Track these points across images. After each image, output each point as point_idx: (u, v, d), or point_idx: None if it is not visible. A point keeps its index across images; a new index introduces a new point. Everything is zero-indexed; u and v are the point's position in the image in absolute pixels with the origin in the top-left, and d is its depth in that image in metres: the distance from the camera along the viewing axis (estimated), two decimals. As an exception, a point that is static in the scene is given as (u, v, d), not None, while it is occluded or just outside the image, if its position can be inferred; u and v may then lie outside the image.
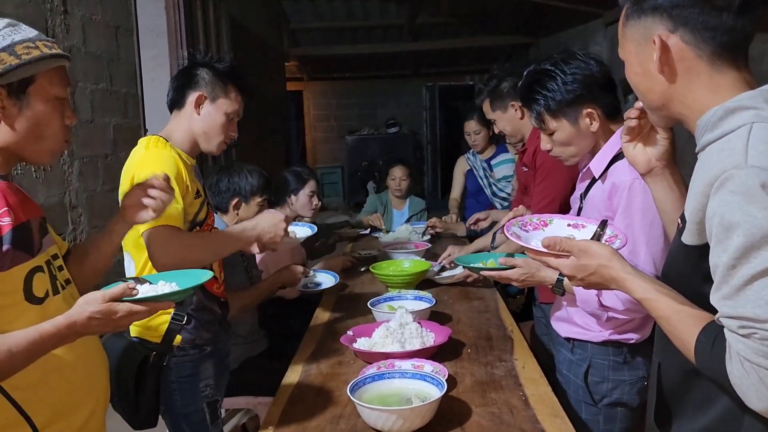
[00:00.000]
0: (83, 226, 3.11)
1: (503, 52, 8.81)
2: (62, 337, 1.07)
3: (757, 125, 0.89)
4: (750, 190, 0.83)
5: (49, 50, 1.17)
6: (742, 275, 0.83)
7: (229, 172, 2.55)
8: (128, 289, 1.10)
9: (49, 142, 1.22)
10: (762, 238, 0.82)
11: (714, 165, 0.90)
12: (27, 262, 1.15)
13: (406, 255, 2.89)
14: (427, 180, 11.27)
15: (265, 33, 6.91)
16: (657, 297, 1.01)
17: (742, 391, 0.85)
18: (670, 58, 0.99)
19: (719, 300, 0.88)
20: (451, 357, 1.77)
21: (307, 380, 1.68)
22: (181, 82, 1.82)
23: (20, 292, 1.13)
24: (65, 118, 1.23)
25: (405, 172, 4.10)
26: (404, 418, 1.31)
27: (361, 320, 2.15)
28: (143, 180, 1.50)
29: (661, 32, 0.99)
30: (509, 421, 1.40)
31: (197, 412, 1.79)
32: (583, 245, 1.15)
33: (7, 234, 1.11)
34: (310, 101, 11.15)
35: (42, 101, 1.17)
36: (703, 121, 0.97)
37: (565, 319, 1.76)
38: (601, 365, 1.66)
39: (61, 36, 2.88)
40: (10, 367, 1.03)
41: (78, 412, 1.22)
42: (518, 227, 1.37)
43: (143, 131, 3.84)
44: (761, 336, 0.82)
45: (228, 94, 1.81)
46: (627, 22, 1.06)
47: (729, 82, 0.97)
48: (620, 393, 1.65)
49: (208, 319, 1.81)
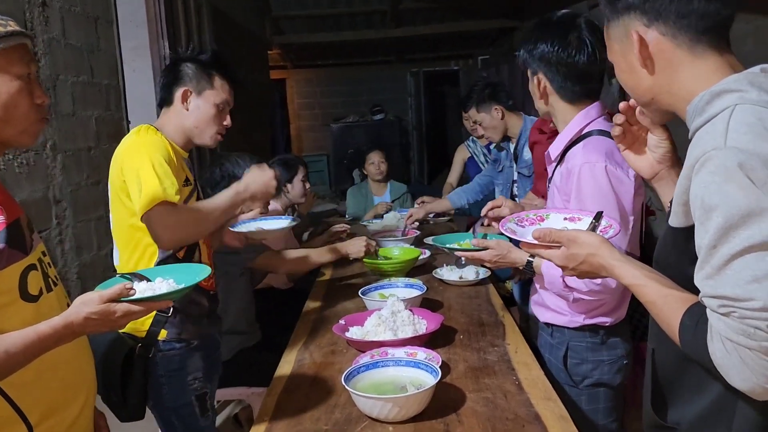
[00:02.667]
0: (68, 220, 3.08)
1: (488, 37, 8.78)
2: (59, 338, 1.06)
3: (740, 107, 0.89)
4: (727, 170, 0.84)
5: (4, 29, 1.13)
6: (722, 255, 0.84)
7: (220, 162, 2.55)
8: (125, 289, 1.10)
9: (21, 124, 1.17)
10: (740, 218, 0.82)
11: (697, 148, 0.91)
12: (22, 260, 1.14)
13: (395, 243, 2.89)
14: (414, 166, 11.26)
15: (248, 21, 6.82)
16: (644, 282, 1.02)
17: (724, 371, 0.86)
18: (649, 52, 1.00)
19: (701, 280, 0.88)
20: (444, 344, 1.78)
21: (301, 370, 1.68)
22: (167, 80, 1.82)
23: (16, 291, 1.12)
24: (35, 98, 1.19)
25: (382, 155, 4.16)
26: (400, 405, 1.32)
27: (352, 308, 2.16)
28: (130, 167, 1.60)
29: (639, 28, 1.01)
30: (503, 405, 1.41)
31: (186, 405, 1.79)
32: (572, 235, 1.16)
33: (2, 232, 1.10)
34: (294, 89, 11.06)
35: (5, 82, 1.13)
36: (691, 107, 0.98)
37: (541, 303, 1.79)
38: (579, 347, 1.69)
39: (40, 28, 2.83)
40: (7, 368, 1.02)
41: (70, 408, 1.22)
42: (514, 223, 1.39)
43: (126, 123, 3.79)
44: (740, 315, 0.83)
45: (213, 84, 1.80)
46: (608, 24, 1.08)
47: (712, 68, 0.98)
48: (600, 373, 1.68)
49: (195, 312, 1.80)
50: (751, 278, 0.82)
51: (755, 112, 0.88)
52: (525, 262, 1.74)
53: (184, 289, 1.20)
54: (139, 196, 1.58)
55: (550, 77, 1.62)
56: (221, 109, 1.82)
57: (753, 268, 0.82)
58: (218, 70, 1.81)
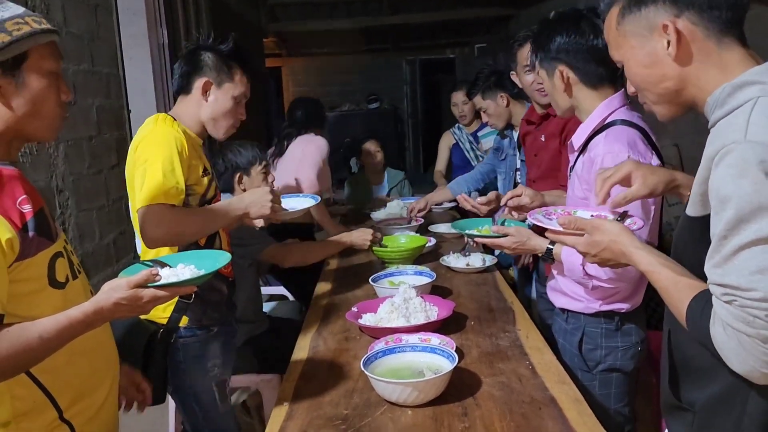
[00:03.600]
0: (71, 209, 3.07)
1: (484, 25, 8.76)
2: (90, 323, 1.09)
3: (762, 99, 0.91)
4: (744, 164, 0.86)
5: (39, 25, 1.14)
6: (731, 246, 0.87)
7: (222, 153, 2.55)
8: (152, 275, 1.12)
9: (48, 119, 1.20)
10: (750, 212, 0.85)
11: (718, 140, 0.92)
12: (50, 248, 1.16)
13: (401, 231, 2.91)
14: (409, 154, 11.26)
15: (243, 9, 6.78)
16: (658, 269, 1.06)
17: (724, 354, 0.90)
18: (686, 42, 1.00)
19: (710, 268, 0.92)
20: (456, 329, 1.80)
21: (317, 356, 1.70)
22: (186, 68, 1.81)
23: (45, 278, 1.14)
24: (61, 94, 1.21)
25: (377, 145, 4.17)
26: (419, 389, 1.34)
27: (362, 296, 2.17)
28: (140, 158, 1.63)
29: (668, 18, 1.00)
30: (519, 389, 1.44)
31: (206, 391, 1.81)
32: (596, 223, 1.21)
33: (31, 220, 1.12)
34: (290, 78, 11.00)
35: (37, 77, 1.15)
36: (713, 98, 0.99)
37: (558, 289, 1.81)
38: (594, 333, 1.71)
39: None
40: (41, 353, 1.05)
41: (98, 392, 1.25)
42: (542, 215, 1.42)
43: (126, 112, 3.78)
44: (741, 303, 0.87)
45: (233, 77, 1.80)
46: (623, 19, 1.07)
47: (737, 59, 0.99)
48: (613, 359, 1.70)
49: (215, 299, 1.82)
50: (756, 269, 0.85)
51: None
52: (544, 249, 1.75)
53: (208, 275, 1.23)
54: (140, 189, 1.59)
55: (572, 65, 1.64)
56: (238, 102, 1.82)
57: (758, 260, 0.85)
58: (238, 62, 1.81)
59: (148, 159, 1.62)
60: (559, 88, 1.69)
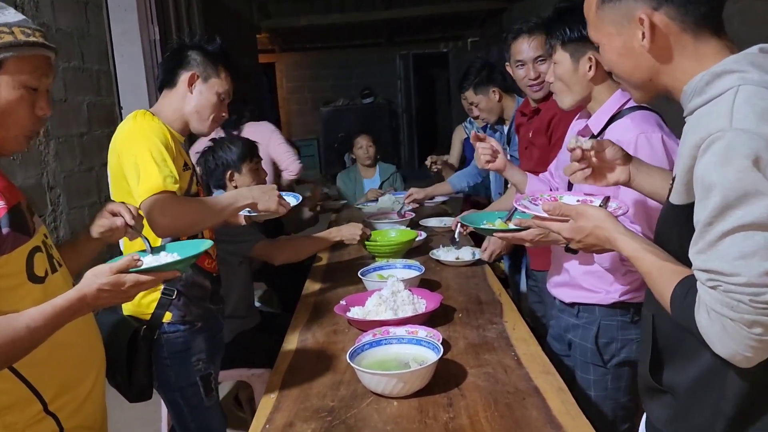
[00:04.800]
0: (62, 206, 3.08)
1: (477, 19, 8.76)
2: (75, 311, 1.10)
3: (743, 87, 0.92)
4: (730, 152, 0.87)
5: (26, 37, 1.12)
6: (716, 232, 0.89)
7: (213, 149, 2.55)
8: (133, 260, 1.14)
9: (14, 131, 1.16)
10: (736, 198, 0.86)
11: (701, 128, 0.93)
12: (26, 243, 1.16)
13: (391, 225, 2.92)
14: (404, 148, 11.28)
15: (236, 5, 6.77)
16: (642, 254, 1.07)
17: (708, 337, 0.92)
18: (660, 35, 1.02)
19: (695, 254, 0.93)
20: (444, 322, 1.82)
21: (305, 349, 1.72)
22: (172, 63, 1.82)
23: (23, 273, 1.14)
24: (37, 109, 1.17)
25: (369, 139, 4.19)
26: (404, 381, 1.35)
27: (352, 290, 2.19)
28: (128, 155, 1.61)
29: (645, 11, 1.01)
30: (504, 380, 1.45)
31: (191, 386, 1.82)
32: (581, 209, 1.22)
33: (4, 217, 1.12)
34: (283, 73, 11.00)
35: (8, 89, 1.12)
36: (690, 86, 1.00)
37: (568, 283, 1.79)
38: (610, 326, 1.70)
39: (30, 14, 2.80)
40: (30, 343, 1.06)
41: (83, 384, 1.26)
42: (528, 201, 1.42)
43: (118, 109, 3.78)
44: (725, 288, 0.88)
45: (219, 74, 1.82)
46: (603, 5, 1.08)
47: (713, 50, 1.00)
48: (628, 352, 1.70)
49: (198, 295, 1.83)
50: (739, 255, 0.86)
51: (759, 93, 0.90)
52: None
53: (190, 258, 1.25)
54: (137, 184, 1.59)
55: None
56: (222, 99, 1.84)
57: (741, 246, 0.86)
58: (224, 62, 1.83)
59: (138, 154, 1.62)
60: (583, 75, 1.65)
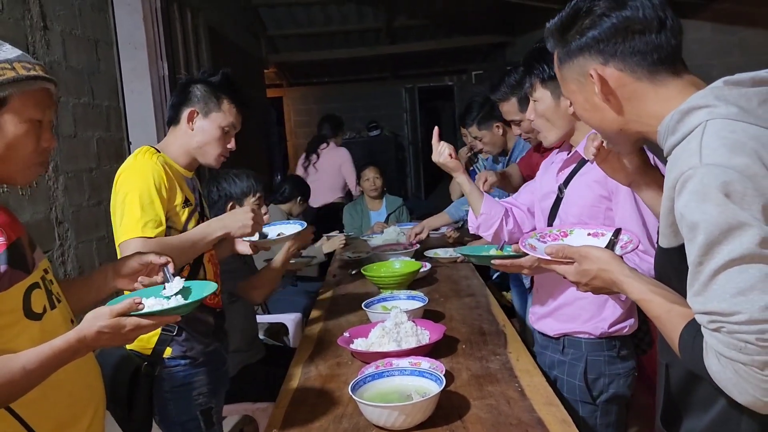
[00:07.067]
0: (70, 241, 3.10)
1: (480, 52, 8.89)
2: (74, 352, 1.09)
3: (711, 122, 0.91)
4: (705, 188, 0.86)
5: (27, 72, 1.13)
6: (707, 271, 0.86)
7: (217, 180, 2.57)
8: (134, 303, 1.13)
9: (20, 165, 1.17)
10: (720, 234, 0.84)
11: (676, 168, 0.93)
12: (24, 280, 1.15)
13: (396, 256, 2.93)
14: (410, 181, 11.32)
15: (243, 41, 6.91)
16: (650, 297, 1.03)
17: (723, 385, 0.88)
18: (611, 88, 1.03)
19: (691, 297, 0.90)
20: (447, 353, 1.81)
21: (308, 383, 1.71)
22: (176, 100, 1.88)
23: (20, 310, 1.13)
24: (42, 141, 1.18)
25: (377, 172, 4.23)
26: (406, 413, 1.34)
27: (355, 321, 2.19)
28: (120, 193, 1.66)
29: (596, 66, 1.03)
30: (507, 411, 1.44)
31: (191, 420, 1.82)
32: (584, 251, 1.17)
33: (3, 254, 1.11)
34: (291, 107, 11.13)
35: (14, 123, 1.12)
36: (662, 127, 1.00)
37: (552, 315, 1.78)
38: (597, 362, 1.70)
39: (41, 52, 2.87)
40: (26, 384, 1.05)
41: (79, 423, 1.24)
42: (536, 239, 1.40)
43: (126, 144, 3.83)
44: (728, 330, 0.84)
45: (221, 107, 1.84)
46: (561, 65, 1.10)
47: (676, 91, 1.01)
48: (616, 387, 1.69)
49: (201, 330, 1.83)
50: (736, 291, 0.83)
51: (727, 126, 0.90)
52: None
53: (192, 304, 1.24)
54: (119, 225, 1.64)
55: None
56: (226, 132, 1.86)
57: (736, 281, 0.83)
58: (227, 93, 1.86)
59: (127, 193, 1.66)
60: (564, 110, 1.65)
